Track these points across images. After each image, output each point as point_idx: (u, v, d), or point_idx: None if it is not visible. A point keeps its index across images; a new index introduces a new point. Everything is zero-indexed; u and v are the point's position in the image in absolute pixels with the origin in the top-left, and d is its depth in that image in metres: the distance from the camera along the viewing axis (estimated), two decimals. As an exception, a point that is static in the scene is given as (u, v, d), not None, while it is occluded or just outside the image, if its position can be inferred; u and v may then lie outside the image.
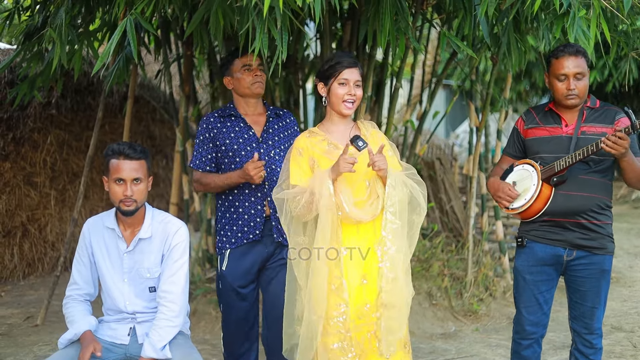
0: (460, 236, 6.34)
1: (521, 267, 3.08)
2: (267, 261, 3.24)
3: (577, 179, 2.95)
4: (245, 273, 3.21)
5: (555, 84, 3.01)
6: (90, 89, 6.85)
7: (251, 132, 3.24)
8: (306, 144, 2.86)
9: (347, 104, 2.82)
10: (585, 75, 2.99)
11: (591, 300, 3.01)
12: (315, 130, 2.92)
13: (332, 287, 2.71)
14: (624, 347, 4.42)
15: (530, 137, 3.10)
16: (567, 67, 2.95)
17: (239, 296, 3.23)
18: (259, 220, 3.20)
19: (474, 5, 3.60)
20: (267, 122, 3.28)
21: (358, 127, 2.93)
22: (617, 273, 6.42)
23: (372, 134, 2.90)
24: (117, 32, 2.86)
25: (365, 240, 2.78)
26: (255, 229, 3.19)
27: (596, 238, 2.96)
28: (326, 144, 2.84)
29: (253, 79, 3.21)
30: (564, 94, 2.98)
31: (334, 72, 2.82)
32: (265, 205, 3.20)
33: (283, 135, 3.30)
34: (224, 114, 3.29)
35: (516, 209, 3.03)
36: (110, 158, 2.79)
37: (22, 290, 6.12)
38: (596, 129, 2.97)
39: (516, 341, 3.16)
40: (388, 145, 2.89)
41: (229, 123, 3.26)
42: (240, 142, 3.22)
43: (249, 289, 3.25)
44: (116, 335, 2.87)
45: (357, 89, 2.84)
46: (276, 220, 3.17)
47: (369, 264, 2.77)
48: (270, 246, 3.22)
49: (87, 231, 2.90)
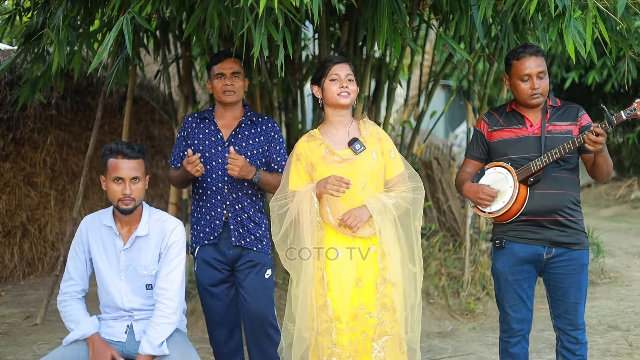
0: (457, 235, 6.36)
1: (502, 268, 3.10)
2: (235, 262, 3.29)
3: (550, 177, 2.99)
4: (211, 270, 3.28)
5: (518, 85, 3.02)
6: (90, 89, 6.87)
7: (219, 135, 3.31)
8: (305, 149, 2.89)
9: (342, 94, 2.84)
10: (547, 75, 3.03)
11: (573, 296, 3.04)
12: (315, 133, 2.94)
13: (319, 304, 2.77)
14: (619, 345, 4.44)
15: (495, 139, 3.11)
16: (530, 67, 2.98)
17: (212, 296, 3.31)
18: (218, 222, 3.26)
19: (470, 6, 3.63)
20: (237, 126, 3.32)
21: (359, 126, 2.94)
22: (615, 273, 6.44)
23: (372, 134, 2.91)
24: (114, 30, 2.89)
25: (361, 242, 2.82)
26: (214, 231, 3.27)
27: (573, 234, 3.00)
28: (323, 149, 2.87)
29: (223, 87, 3.28)
30: (528, 94, 3.00)
31: (324, 71, 2.87)
32: (224, 208, 3.26)
33: (254, 141, 3.32)
34: (201, 116, 3.39)
35: (494, 212, 3.03)
36: (109, 157, 2.82)
37: (22, 289, 6.14)
38: (561, 127, 3.01)
39: (504, 340, 3.18)
40: (389, 147, 2.92)
41: (202, 125, 3.36)
42: (207, 143, 3.30)
43: (220, 288, 3.31)
44: (113, 332, 2.89)
45: (350, 82, 2.86)
46: (236, 224, 3.25)
47: (364, 266, 2.81)
48: (230, 249, 3.26)
49: (85, 228, 2.93)
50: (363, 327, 2.77)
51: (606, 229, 8.24)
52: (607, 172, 2.99)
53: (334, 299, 2.77)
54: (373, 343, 2.74)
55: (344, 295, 2.77)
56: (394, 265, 2.78)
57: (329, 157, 2.84)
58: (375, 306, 2.77)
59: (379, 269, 2.79)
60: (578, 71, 10.44)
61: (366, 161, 2.84)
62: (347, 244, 2.81)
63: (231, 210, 3.25)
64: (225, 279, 3.31)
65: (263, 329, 3.24)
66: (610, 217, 9.96)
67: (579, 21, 3.01)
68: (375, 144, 2.89)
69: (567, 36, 3.02)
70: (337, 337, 2.74)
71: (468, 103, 5.74)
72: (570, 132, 3.00)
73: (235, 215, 3.25)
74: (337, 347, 2.73)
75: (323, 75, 2.87)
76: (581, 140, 2.85)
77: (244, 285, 3.26)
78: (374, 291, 2.78)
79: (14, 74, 6.08)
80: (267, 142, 3.33)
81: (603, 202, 11.00)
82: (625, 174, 11.79)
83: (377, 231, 2.78)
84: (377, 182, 2.87)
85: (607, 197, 11.19)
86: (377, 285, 2.78)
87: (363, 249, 2.81)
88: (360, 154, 2.83)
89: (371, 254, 2.81)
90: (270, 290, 3.34)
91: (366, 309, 2.78)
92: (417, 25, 4.75)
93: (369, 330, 2.77)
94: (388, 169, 2.90)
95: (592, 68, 10.17)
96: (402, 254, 2.83)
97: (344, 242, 2.82)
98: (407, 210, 2.85)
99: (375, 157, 2.87)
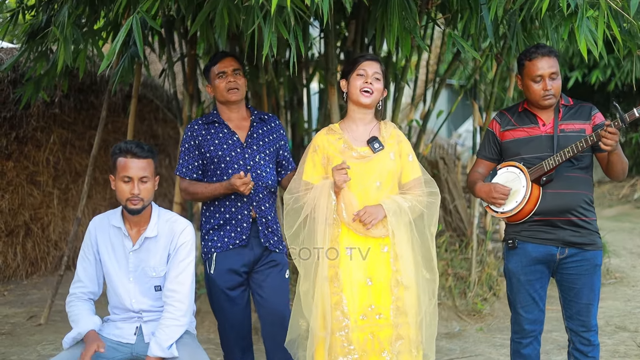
0: (464, 236, 6.34)
1: (515, 268, 3.08)
2: (255, 264, 3.24)
3: (563, 176, 2.96)
4: (233, 275, 3.21)
5: (530, 86, 3.01)
6: (94, 88, 6.85)
7: (235, 138, 3.24)
8: (323, 142, 2.89)
9: (364, 93, 2.83)
10: (559, 75, 3.01)
11: (586, 297, 3.01)
12: (335, 127, 2.93)
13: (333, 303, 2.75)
14: (628, 346, 4.41)
15: (507, 139, 3.10)
16: (542, 68, 2.96)
17: (229, 299, 3.23)
18: (245, 225, 3.20)
19: (479, 5, 3.60)
20: (251, 126, 3.27)
21: (379, 126, 2.93)
22: (621, 273, 6.42)
23: (392, 135, 2.90)
24: (122, 30, 2.86)
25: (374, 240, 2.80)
26: (242, 234, 3.20)
27: (586, 234, 2.98)
28: (342, 143, 2.86)
29: (226, 85, 3.22)
30: (541, 95, 2.99)
31: (354, 66, 2.87)
32: (251, 209, 3.21)
33: (268, 139, 3.29)
34: (207, 120, 3.29)
35: (507, 212, 3.01)
36: (118, 156, 2.79)
37: (25, 289, 6.12)
38: (574, 126, 2.99)
39: (516, 341, 3.15)
40: (408, 150, 2.91)
41: (212, 130, 3.26)
42: (225, 147, 3.22)
43: (238, 291, 3.24)
44: (122, 334, 2.86)
45: (376, 81, 2.85)
46: (263, 225, 3.20)
47: (375, 265, 2.78)
48: (257, 249, 3.22)
49: (94, 229, 2.90)
50: (372, 327, 2.76)
51: (610, 229, 8.22)
52: (622, 170, 2.97)
53: (347, 297, 2.75)
54: (389, 346, 2.72)
55: (354, 294, 2.76)
56: (407, 269, 2.77)
57: (347, 152, 2.83)
58: (391, 309, 2.75)
59: (392, 270, 2.77)
60: (581, 70, 10.42)
61: (383, 160, 2.83)
62: (359, 243, 2.79)
63: (258, 212, 3.20)
64: (242, 282, 3.25)
65: (282, 325, 3.15)
66: (614, 217, 9.95)
67: (590, 20, 2.99)
68: (394, 146, 2.88)
69: (579, 35, 3.00)
70: (352, 334, 2.72)
71: (474, 102, 5.71)
72: (583, 131, 2.97)
73: (262, 216, 3.20)
74: (352, 344, 2.72)
75: (352, 70, 2.87)
76: (594, 139, 2.83)
77: (264, 285, 3.20)
78: (388, 293, 2.76)
79: (17, 72, 6.05)
80: (279, 140, 3.32)
81: (606, 201, 10.98)
82: (629, 174, 11.76)
83: (391, 232, 2.76)
84: (392, 184, 2.86)
85: (611, 196, 11.18)
86: (391, 287, 2.76)
87: (375, 248, 2.78)
88: (378, 153, 2.81)
89: (384, 254, 2.79)
90: (288, 290, 3.32)
91: (376, 310, 2.76)
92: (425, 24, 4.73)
93: (377, 332, 2.75)
94: (405, 172, 2.89)
95: (595, 67, 10.15)
96: (416, 259, 2.81)
97: (356, 241, 2.79)
98: (422, 214, 2.83)
99: (392, 158, 2.85)
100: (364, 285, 2.77)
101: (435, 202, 2.86)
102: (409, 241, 2.79)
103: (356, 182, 2.79)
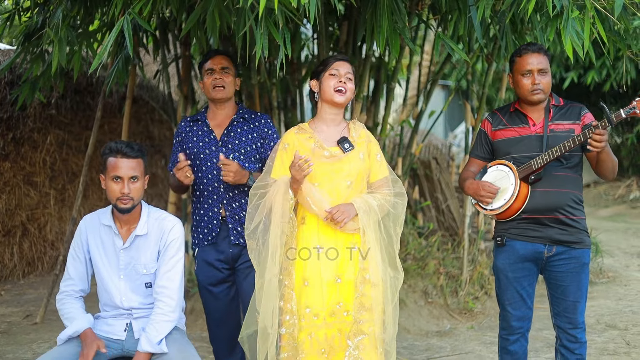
0: (456, 235, 6.38)
1: (502, 265, 3.12)
2: (235, 262, 3.30)
3: (552, 175, 3.00)
4: (212, 269, 3.29)
5: (520, 81, 3.05)
6: (90, 89, 6.89)
7: (212, 136, 3.30)
8: (293, 140, 2.92)
9: (338, 92, 2.87)
10: (548, 73, 3.06)
11: (573, 295, 3.05)
12: (305, 126, 2.97)
13: (283, 300, 2.80)
14: (617, 344, 4.46)
15: (498, 138, 3.14)
16: (531, 63, 3.01)
17: (212, 295, 3.33)
18: (215, 222, 3.27)
19: (468, 6, 3.64)
20: (229, 125, 3.31)
21: (348, 127, 2.97)
22: (614, 272, 6.46)
23: (361, 136, 2.94)
24: (114, 30, 2.90)
25: (343, 239, 2.84)
26: (212, 231, 3.27)
27: (574, 233, 3.02)
28: (312, 142, 2.89)
29: (212, 83, 3.26)
30: (529, 89, 3.03)
31: (325, 66, 2.91)
32: (221, 207, 3.27)
33: (245, 138, 3.30)
34: (193, 118, 3.39)
35: (495, 209, 3.06)
36: (108, 156, 2.83)
37: (21, 289, 6.16)
38: (564, 126, 3.03)
39: (503, 337, 3.20)
40: (376, 150, 2.95)
41: (195, 127, 3.35)
42: (201, 145, 3.30)
43: (221, 288, 3.32)
44: (112, 330, 2.90)
45: (349, 81, 2.89)
46: (233, 223, 3.25)
47: (345, 264, 2.83)
48: (229, 248, 3.27)
49: (84, 228, 2.94)
50: (340, 324, 2.80)
51: (605, 229, 8.26)
52: (612, 168, 3.01)
53: (311, 295, 2.79)
54: (348, 340, 2.76)
55: (322, 292, 2.80)
56: (375, 266, 2.80)
57: (318, 151, 2.86)
58: (354, 305, 2.79)
59: (359, 268, 2.82)
60: (577, 71, 10.46)
61: (353, 160, 2.88)
62: (329, 242, 2.83)
63: (228, 209, 3.26)
64: (225, 279, 3.32)
65: None
66: (609, 217, 9.98)
67: (576, 21, 3.03)
68: (363, 146, 2.92)
69: (564, 36, 3.04)
70: (315, 332, 2.77)
71: (467, 103, 5.76)
72: (572, 131, 3.01)
73: (233, 214, 3.26)
74: (313, 342, 2.76)
75: (323, 70, 2.91)
76: (581, 139, 2.87)
77: (244, 283, 3.27)
78: (354, 290, 2.81)
79: (13, 73, 6.10)
80: (261, 139, 3.32)
81: (602, 202, 11.02)
82: (624, 174, 11.80)
83: (362, 230, 2.80)
84: (362, 183, 2.91)
85: (606, 197, 11.21)
86: (356, 284, 2.81)
87: (344, 247, 2.83)
88: (348, 153, 2.86)
89: (354, 253, 2.83)
90: None
91: (344, 307, 2.81)
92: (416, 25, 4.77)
93: (344, 328, 2.80)
94: (373, 172, 2.94)
95: (591, 68, 10.18)
96: (383, 257, 2.85)
97: (327, 240, 2.83)
98: (389, 213, 2.88)
99: (362, 158, 2.90)
100: (332, 284, 2.81)
101: (402, 203, 2.91)
102: (377, 240, 2.83)
103: (327, 182, 2.84)
